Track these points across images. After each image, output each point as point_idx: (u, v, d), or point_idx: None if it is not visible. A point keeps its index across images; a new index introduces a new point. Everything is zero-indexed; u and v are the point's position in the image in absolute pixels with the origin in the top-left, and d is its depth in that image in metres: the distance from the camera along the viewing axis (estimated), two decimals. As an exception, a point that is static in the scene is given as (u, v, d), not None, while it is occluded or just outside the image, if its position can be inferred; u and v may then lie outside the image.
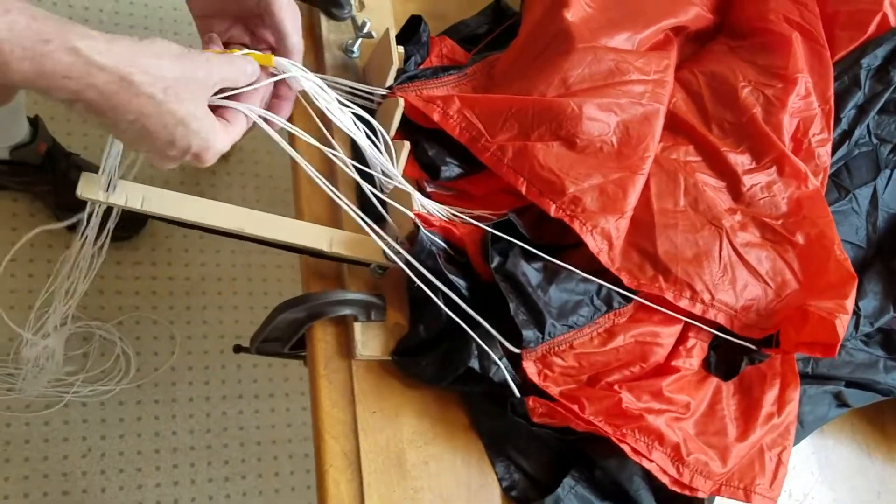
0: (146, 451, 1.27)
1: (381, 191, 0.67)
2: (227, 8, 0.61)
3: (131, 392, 1.28)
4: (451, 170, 0.71)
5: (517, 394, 0.64)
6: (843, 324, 0.67)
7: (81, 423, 1.24)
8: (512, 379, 0.64)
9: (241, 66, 0.54)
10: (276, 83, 0.60)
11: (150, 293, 1.35)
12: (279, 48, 0.60)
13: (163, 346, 1.33)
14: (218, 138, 0.52)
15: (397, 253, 0.62)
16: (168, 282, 1.37)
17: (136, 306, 1.32)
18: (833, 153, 0.80)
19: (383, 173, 0.66)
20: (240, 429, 1.36)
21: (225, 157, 1.50)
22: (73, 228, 1.30)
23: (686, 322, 0.70)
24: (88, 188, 0.54)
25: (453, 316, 0.63)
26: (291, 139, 0.65)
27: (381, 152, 0.65)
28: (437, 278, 0.63)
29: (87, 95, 0.45)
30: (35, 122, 1.18)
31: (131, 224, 1.32)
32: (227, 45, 0.62)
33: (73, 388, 1.23)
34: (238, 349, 0.81)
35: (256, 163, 1.53)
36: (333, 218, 0.69)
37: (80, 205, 1.27)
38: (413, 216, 0.63)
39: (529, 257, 0.66)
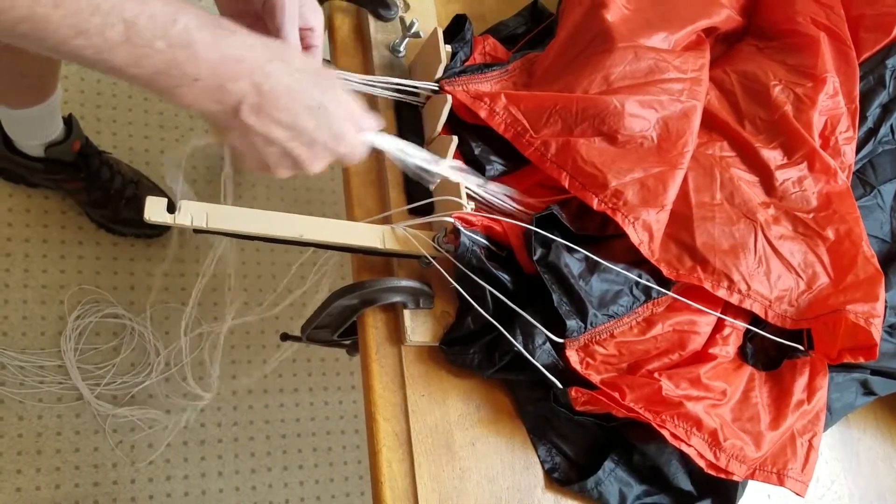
0: (175, 443, 1.29)
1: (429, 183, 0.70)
2: (248, 8, 0.64)
3: (160, 385, 1.30)
4: (494, 168, 0.74)
5: (559, 385, 0.67)
6: (877, 327, 0.70)
7: (112, 416, 1.26)
8: (555, 363, 0.66)
9: (365, 113, 0.60)
10: (303, 32, 0.64)
11: (179, 289, 1.37)
12: None
13: (191, 340, 1.36)
14: (351, 126, 0.58)
15: (446, 248, 0.65)
16: (196, 278, 1.39)
17: (166, 301, 1.34)
18: (858, 150, 0.83)
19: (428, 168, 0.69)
20: (265, 422, 1.38)
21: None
22: (103, 227, 1.33)
23: (722, 310, 0.72)
24: (155, 212, 0.55)
25: (504, 300, 0.65)
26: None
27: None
28: (482, 276, 0.66)
29: (254, 79, 0.50)
30: (69, 121, 1.20)
31: (160, 221, 1.34)
32: None
33: (104, 380, 1.25)
34: (285, 337, 0.83)
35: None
36: (381, 209, 0.71)
37: (109, 202, 1.30)
38: (453, 220, 0.65)
39: (571, 248, 0.68)
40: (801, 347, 0.74)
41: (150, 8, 0.45)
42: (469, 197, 0.68)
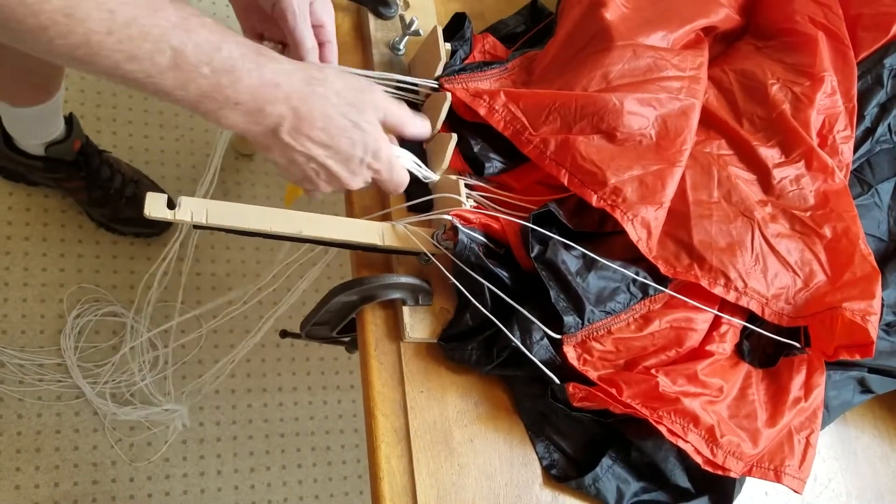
0: (174, 442, 1.29)
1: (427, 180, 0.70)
2: (262, 3, 0.66)
3: (159, 384, 1.30)
4: (493, 166, 0.74)
5: (557, 381, 0.67)
6: (874, 325, 0.70)
7: (112, 414, 1.26)
8: (553, 358, 0.67)
9: (409, 113, 0.64)
10: (315, 30, 0.66)
11: (178, 288, 1.37)
12: (294, 51, 0.65)
13: (190, 339, 1.36)
14: (388, 146, 0.61)
15: (445, 245, 0.65)
16: (195, 277, 1.40)
17: (165, 300, 1.35)
18: (856, 149, 0.83)
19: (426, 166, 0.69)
20: (264, 421, 1.38)
21: (248, 156, 1.53)
22: (103, 226, 1.33)
23: (719, 308, 0.72)
24: (155, 207, 0.56)
25: (502, 296, 0.65)
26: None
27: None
28: (480, 273, 0.66)
29: (292, 103, 0.54)
30: (69, 120, 1.21)
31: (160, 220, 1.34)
32: (262, 38, 0.68)
33: (103, 378, 1.25)
34: (284, 334, 0.84)
35: (279, 161, 1.56)
36: (380, 206, 0.72)
37: (109, 201, 1.30)
38: (451, 218, 0.66)
39: (568, 245, 0.69)
40: (797, 345, 0.75)
41: (196, 36, 0.48)
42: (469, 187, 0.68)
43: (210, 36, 0.49)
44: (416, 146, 0.72)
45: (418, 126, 0.65)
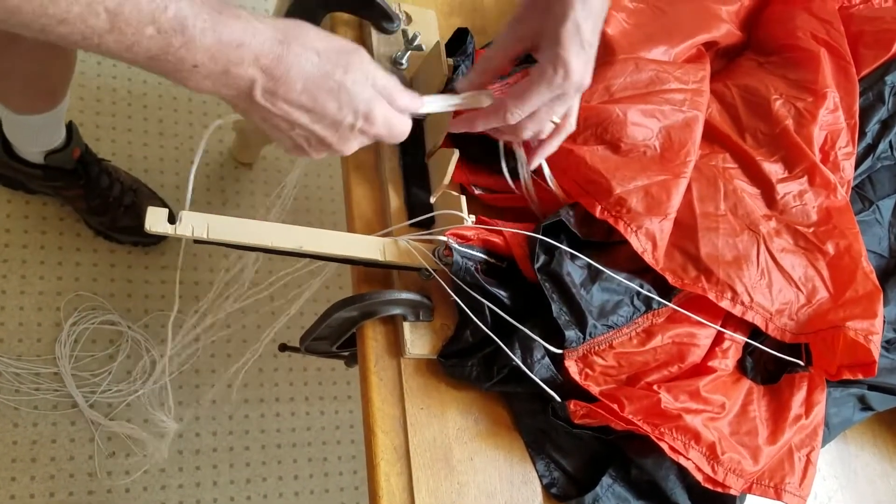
0: (170, 452, 1.28)
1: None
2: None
3: (156, 393, 1.29)
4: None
5: (557, 398, 0.67)
6: (876, 344, 0.70)
7: (107, 424, 1.25)
8: (554, 377, 0.66)
9: (398, 84, 0.58)
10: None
11: (176, 297, 1.37)
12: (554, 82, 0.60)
13: (187, 348, 1.35)
14: (381, 105, 0.56)
15: (445, 261, 0.65)
16: (193, 286, 1.39)
17: (162, 309, 1.34)
18: (857, 166, 0.83)
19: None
20: (261, 431, 1.38)
21: (248, 165, 1.52)
22: (101, 234, 1.32)
23: (721, 323, 0.72)
24: (155, 222, 0.55)
25: (501, 314, 0.65)
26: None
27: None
28: (477, 292, 0.65)
29: (262, 63, 0.50)
30: (69, 128, 1.20)
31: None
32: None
33: (100, 388, 1.25)
34: (284, 348, 0.83)
35: (279, 171, 1.55)
36: (382, 221, 0.71)
37: (108, 209, 1.29)
38: (445, 238, 0.65)
39: (574, 256, 0.68)
40: (800, 362, 0.74)
41: None
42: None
43: None
44: (418, 161, 0.72)
45: (406, 100, 0.59)
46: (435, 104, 0.64)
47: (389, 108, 0.57)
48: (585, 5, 0.58)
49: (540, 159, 0.69)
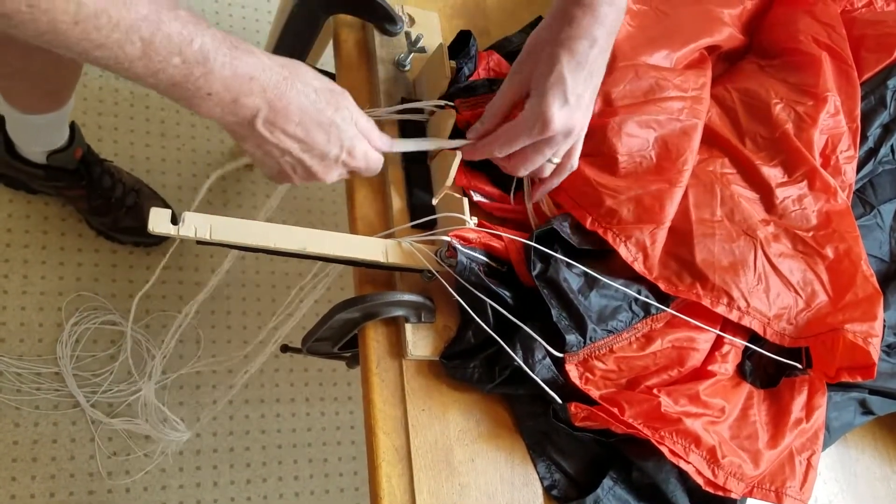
0: (170, 452, 1.28)
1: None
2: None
3: (156, 394, 1.29)
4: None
5: (559, 400, 0.67)
6: (875, 347, 0.70)
7: (108, 423, 1.26)
8: (555, 378, 0.66)
9: (374, 126, 0.64)
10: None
11: (177, 297, 1.37)
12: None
13: (188, 349, 1.35)
14: (362, 142, 0.62)
15: (448, 263, 0.65)
16: (195, 287, 1.39)
17: (163, 310, 1.34)
18: (859, 170, 0.84)
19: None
20: (261, 432, 1.38)
21: (250, 167, 1.52)
22: (102, 234, 1.33)
23: (721, 328, 0.72)
24: (158, 223, 0.56)
25: (504, 313, 0.65)
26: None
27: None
28: (483, 292, 0.66)
29: (267, 96, 0.55)
30: (72, 129, 1.20)
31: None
32: None
33: (101, 388, 1.25)
34: (285, 349, 0.83)
35: (280, 171, 1.55)
36: (384, 222, 0.72)
37: (110, 210, 1.29)
38: (450, 239, 0.66)
39: (570, 264, 0.68)
40: (799, 366, 0.75)
41: (167, 28, 0.49)
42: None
43: (182, 29, 0.50)
44: (420, 163, 0.73)
45: (381, 141, 0.65)
46: (405, 145, 0.69)
47: (369, 146, 0.63)
48: (573, 58, 0.62)
49: (540, 196, 0.73)
